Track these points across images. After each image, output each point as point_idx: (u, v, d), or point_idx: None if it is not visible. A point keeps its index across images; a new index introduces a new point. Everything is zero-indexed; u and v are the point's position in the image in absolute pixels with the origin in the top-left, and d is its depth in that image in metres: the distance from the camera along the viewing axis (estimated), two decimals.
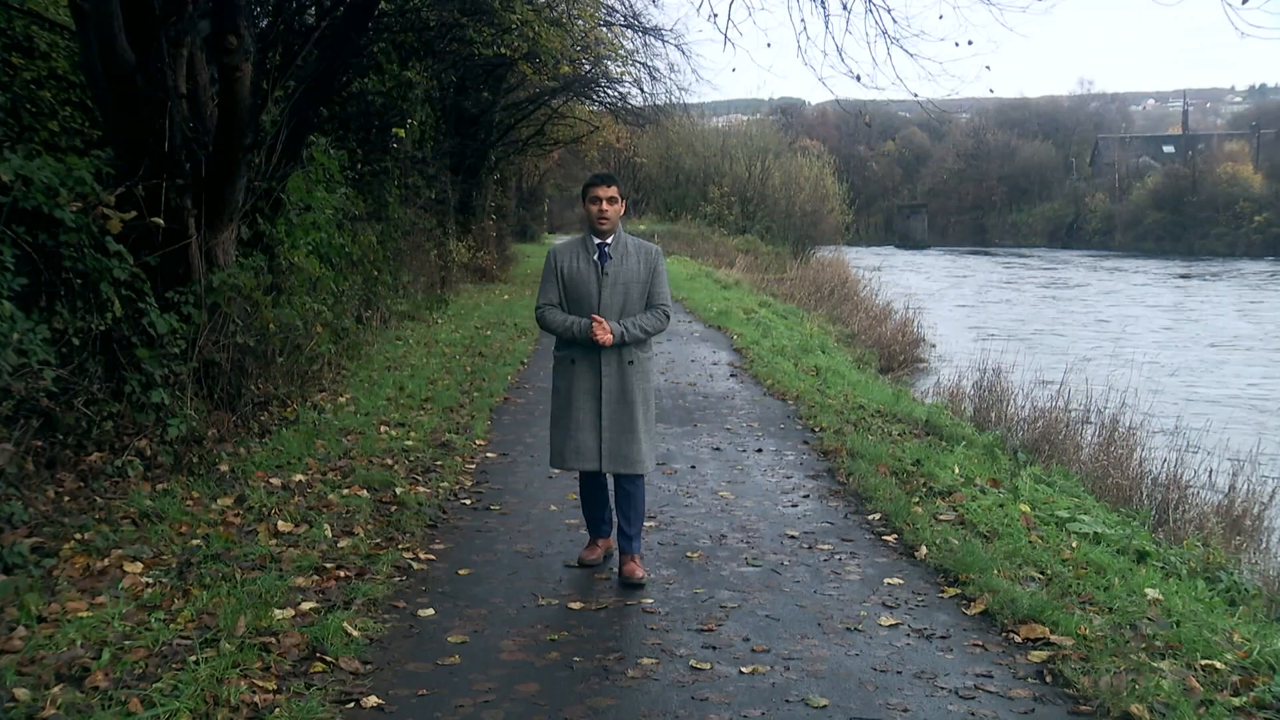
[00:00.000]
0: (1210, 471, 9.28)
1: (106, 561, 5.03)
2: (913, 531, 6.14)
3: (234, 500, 6.19)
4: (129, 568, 4.98)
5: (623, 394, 5.29)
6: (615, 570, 5.44)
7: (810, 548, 5.98)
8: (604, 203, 5.24)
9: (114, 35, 6.57)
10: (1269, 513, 8.48)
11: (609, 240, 5.31)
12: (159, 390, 6.57)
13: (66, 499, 5.71)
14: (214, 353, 7.39)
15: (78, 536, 5.27)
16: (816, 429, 9.29)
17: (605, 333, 5.14)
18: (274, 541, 5.56)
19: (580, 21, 19.47)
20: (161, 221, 6.92)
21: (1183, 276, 45.87)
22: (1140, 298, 36.17)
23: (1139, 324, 27.52)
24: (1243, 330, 26.88)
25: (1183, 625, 4.69)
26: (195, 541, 5.44)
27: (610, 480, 5.51)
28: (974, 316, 29.66)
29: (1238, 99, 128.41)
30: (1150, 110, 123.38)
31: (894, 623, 4.80)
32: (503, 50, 17.46)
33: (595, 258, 5.31)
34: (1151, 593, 5.12)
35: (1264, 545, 8.09)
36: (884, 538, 6.18)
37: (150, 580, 4.86)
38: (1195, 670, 4.21)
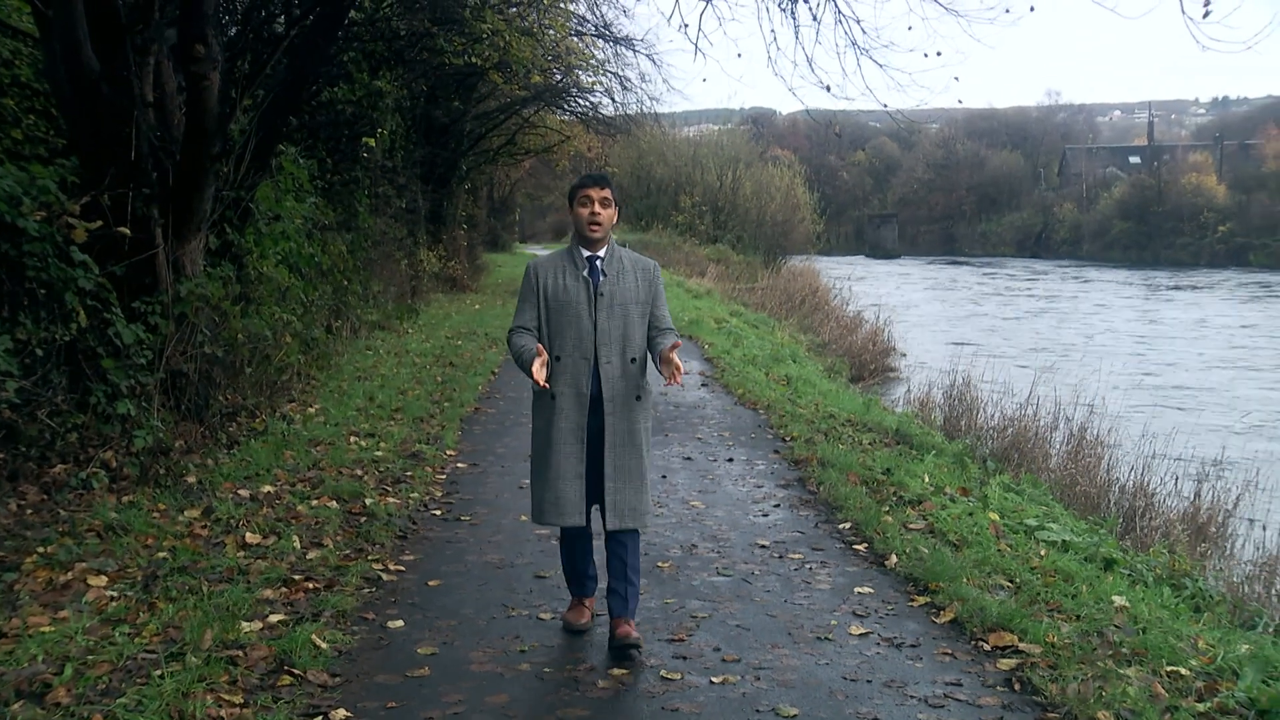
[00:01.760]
0: (1176, 479, 9.37)
1: (70, 575, 4.97)
2: (883, 540, 6.16)
3: (201, 512, 6.13)
4: (93, 581, 4.92)
5: (630, 435, 4.51)
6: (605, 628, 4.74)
7: (781, 557, 5.98)
8: (595, 204, 4.49)
9: (79, 43, 6.51)
10: (1233, 520, 8.59)
11: (601, 253, 4.55)
12: (125, 401, 6.51)
13: (29, 512, 5.63)
14: (181, 363, 7.32)
15: (40, 550, 5.20)
16: (787, 438, 9.31)
17: (543, 370, 4.27)
18: (242, 553, 5.51)
19: (551, 31, 19.46)
20: (128, 231, 6.85)
21: (1173, 288, 45.84)
22: (1152, 312, 35.26)
23: (1158, 343, 26.85)
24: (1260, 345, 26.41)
25: (1149, 632, 4.73)
26: (161, 554, 5.37)
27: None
28: (973, 333, 28.41)
29: (1201, 111, 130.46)
30: (1117, 121, 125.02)
31: (864, 632, 4.81)
32: (473, 60, 17.43)
33: (585, 274, 4.52)
34: (1118, 600, 5.16)
35: (1228, 551, 8.18)
36: (854, 547, 6.20)
37: (115, 594, 4.80)
38: (1161, 676, 4.25)
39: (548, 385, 4.38)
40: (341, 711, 3.85)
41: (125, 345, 6.64)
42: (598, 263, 4.55)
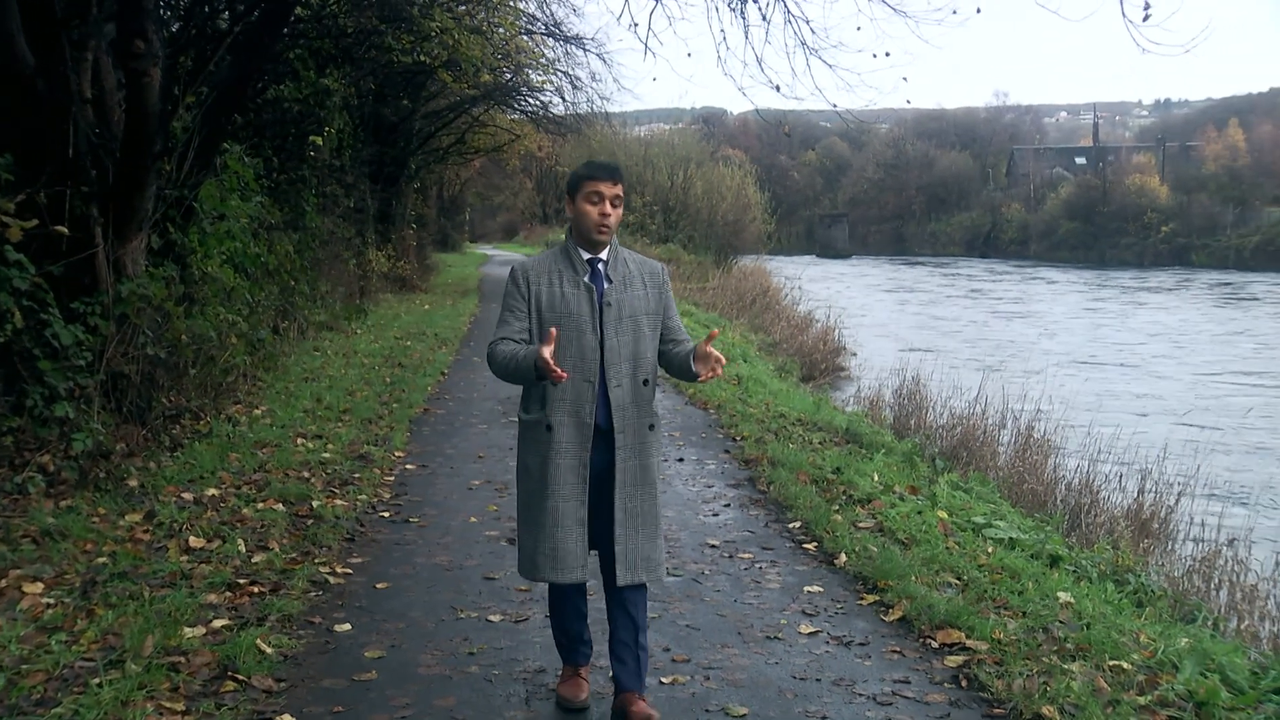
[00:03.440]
0: (1120, 476, 9.51)
1: (4, 582, 4.85)
2: (832, 539, 6.19)
3: (143, 516, 6.02)
4: (28, 588, 4.81)
5: (643, 472, 3.81)
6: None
7: (731, 556, 5.99)
8: (607, 203, 3.71)
9: (11, 36, 6.37)
10: (1174, 515, 8.72)
11: (603, 255, 3.80)
12: (63, 404, 6.37)
13: None
14: (123, 365, 7.19)
15: None
16: (737, 438, 9.33)
17: (557, 368, 3.44)
18: (185, 558, 5.42)
19: (500, 30, 19.37)
20: (65, 230, 6.71)
21: (1147, 290, 45.78)
22: (1139, 318, 33.64)
23: (1156, 350, 25.34)
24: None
25: (1093, 627, 4.79)
26: (101, 559, 5.27)
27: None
28: (960, 347, 25.89)
29: (1144, 113, 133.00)
30: (1063, 122, 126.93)
31: (813, 630, 4.83)
32: (422, 58, 17.29)
33: (587, 280, 3.75)
34: (1063, 596, 5.22)
35: (1169, 547, 8.31)
36: (804, 546, 6.23)
37: (51, 601, 4.70)
38: (1104, 671, 4.30)
39: (566, 376, 3.52)
40: (286, 717, 3.79)
41: (63, 346, 6.51)
42: (600, 266, 3.79)
